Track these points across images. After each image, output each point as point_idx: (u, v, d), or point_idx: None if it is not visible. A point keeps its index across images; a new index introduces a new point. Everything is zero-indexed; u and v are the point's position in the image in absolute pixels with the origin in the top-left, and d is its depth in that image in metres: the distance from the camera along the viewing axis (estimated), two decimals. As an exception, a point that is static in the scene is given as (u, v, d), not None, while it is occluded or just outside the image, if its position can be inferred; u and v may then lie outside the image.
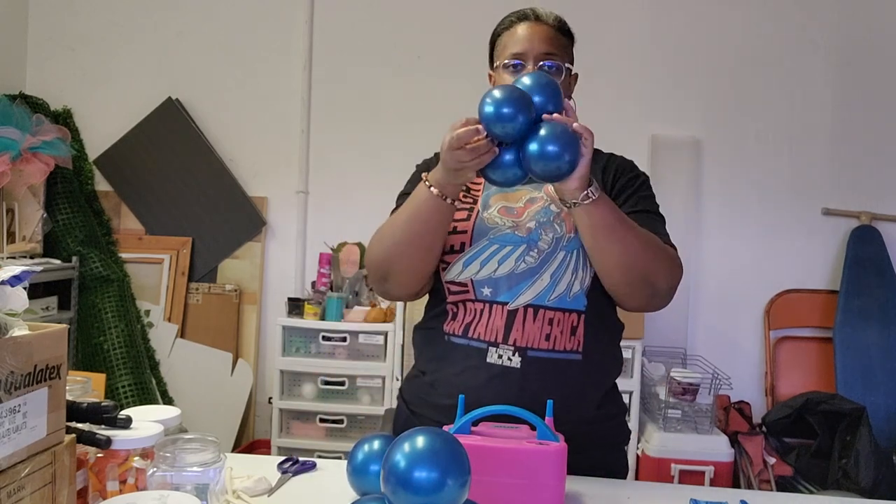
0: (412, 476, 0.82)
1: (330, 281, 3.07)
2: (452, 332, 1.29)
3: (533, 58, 1.30)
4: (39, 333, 0.82)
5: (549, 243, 1.26)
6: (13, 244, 2.86)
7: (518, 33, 1.32)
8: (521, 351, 1.23)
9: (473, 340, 1.26)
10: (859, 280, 3.01)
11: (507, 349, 1.24)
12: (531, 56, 1.30)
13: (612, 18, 3.15)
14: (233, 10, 3.27)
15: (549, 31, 1.32)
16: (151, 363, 3.12)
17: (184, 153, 3.25)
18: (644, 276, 1.21)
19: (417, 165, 1.44)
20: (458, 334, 1.28)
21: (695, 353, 3.02)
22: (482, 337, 1.25)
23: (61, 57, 3.31)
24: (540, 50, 1.30)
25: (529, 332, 1.23)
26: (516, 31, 1.33)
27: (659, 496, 1.19)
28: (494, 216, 1.30)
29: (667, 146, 3.13)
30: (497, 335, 1.24)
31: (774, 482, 2.72)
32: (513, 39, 1.32)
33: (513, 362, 1.23)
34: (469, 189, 1.35)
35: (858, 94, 3.11)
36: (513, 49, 1.31)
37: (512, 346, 1.23)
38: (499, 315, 1.25)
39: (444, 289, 1.30)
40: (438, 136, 1.14)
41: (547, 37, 1.31)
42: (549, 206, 1.29)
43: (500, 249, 1.26)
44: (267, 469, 1.19)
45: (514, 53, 1.31)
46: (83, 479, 0.96)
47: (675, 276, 1.25)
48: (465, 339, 1.27)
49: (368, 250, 1.32)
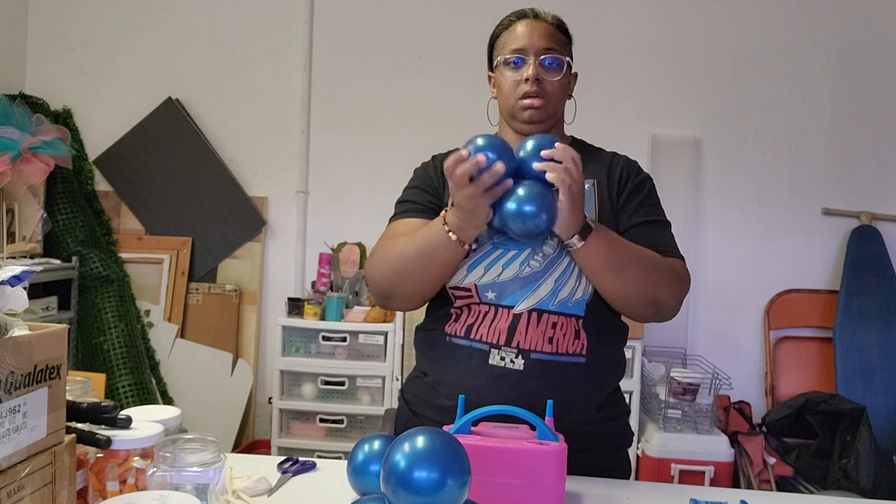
0: (412, 476, 0.82)
1: (330, 281, 3.07)
2: (454, 333, 1.28)
3: (533, 53, 1.29)
4: (39, 333, 0.82)
5: (555, 248, 1.25)
6: (13, 244, 2.86)
7: (518, 30, 1.32)
8: (524, 353, 1.23)
9: (475, 342, 1.25)
10: (859, 280, 3.01)
11: (509, 351, 1.23)
12: (531, 51, 1.29)
13: (612, 19, 3.15)
14: (233, 10, 3.27)
15: (548, 27, 1.32)
16: (151, 363, 3.12)
17: (184, 153, 3.25)
18: (648, 300, 1.23)
19: (416, 170, 1.43)
20: (460, 335, 1.27)
21: (695, 353, 3.02)
22: (484, 339, 1.25)
23: (61, 57, 3.31)
24: (540, 45, 1.30)
25: (533, 336, 1.23)
26: (516, 29, 1.32)
27: (659, 496, 1.19)
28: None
29: (667, 146, 3.13)
30: (500, 337, 1.24)
31: (774, 482, 2.72)
32: (512, 36, 1.32)
33: (515, 364, 1.23)
34: None
35: (858, 95, 3.11)
36: (513, 45, 1.31)
37: (515, 348, 1.23)
38: (503, 317, 1.24)
39: (449, 294, 1.29)
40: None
41: (547, 33, 1.31)
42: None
43: (505, 253, 1.25)
44: (267, 469, 1.19)
45: (515, 49, 1.31)
46: (83, 479, 0.96)
47: (681, 291, 1.27)
48: (466, 341, 1.26)
49: (370, 267, 1.30)
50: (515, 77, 1.31)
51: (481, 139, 1.12)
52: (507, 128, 1.38)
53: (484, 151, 1.10)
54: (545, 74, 1.30)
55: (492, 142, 1.12)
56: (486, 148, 1.10)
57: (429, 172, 1.40)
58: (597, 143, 1.43)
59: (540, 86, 1.29)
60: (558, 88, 1.31)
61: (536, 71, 1.29)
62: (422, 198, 1.36)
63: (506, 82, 1.32)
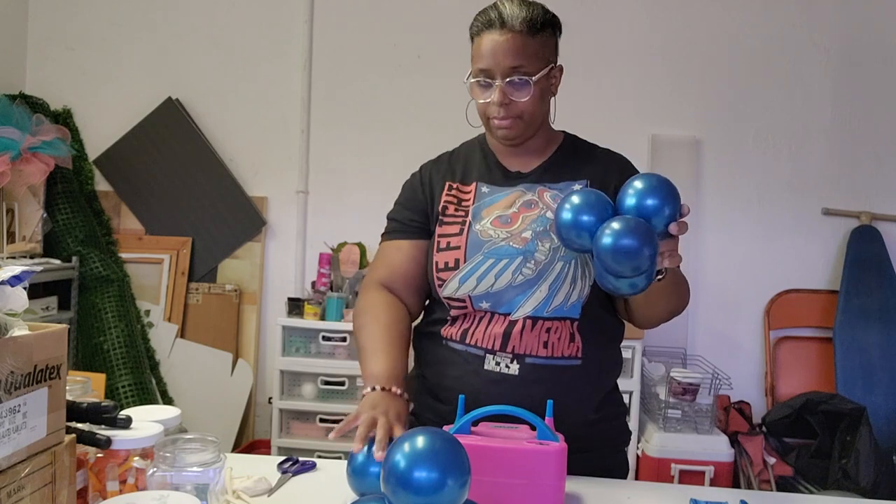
0: (412, 476, 0.82)
1: (330, 281, 3.07)
2: (450, 336, 1.28)
3: (500, 74, 1.22)
4: (39, 333, 0.82)
5: (546, 254, 1.24)
6: (13, 244, 2.86)
7: (483, 46, 1.23)
8: (518, 358, 1.23)
9: (471, 347, 1.26)
10: (859, 280, 3.01)
11: (505, 356, 1.23)
12: (497, 72, 1.22)
13: (611, 18, 3.15)
14: (233, 10, 3.27)
15: (514, 40, 1.21)
16: (151, 363, 3.11)
17: (184, 153, 3.25)
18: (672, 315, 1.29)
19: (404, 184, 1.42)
20: (455, 339, 1.28)
21: (695, 353, 3.02)
22: (479, 344, 1.25)
23: (61, 57, 3.31)
24: (506, 65, 1.22)
25: (528, 341, 1.23)
26: (482, 42, 1.24)
27: (659, 496, 1.19)
28: (488, 228, 1.27)
29: (666, 146, 3.13)
30: (495, 343, 1.24)
31: (774, 482, 2.72)
32: (479, 52, 1.24)
33: (511, 369, 1.23)
34: (460, 201, 1.33)
35: (858, 95, 3.10)
36: (479, 64, 1.24)
37: (510, 353, 1.23)
38: (498, 323, 1.24)
39: (444, 302, 1.29)
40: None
41: (512, 48, 1.21)
42: (544, 215, 1.27)
43: (497, 263, 1.24)
44: (267, 469, 1.19)
45: (481, 69, 1.24)
46: (83, 479, 0.96)
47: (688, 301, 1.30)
48: (462, 345, 1.27)
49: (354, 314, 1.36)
50: (484, 97, 1.25)
51: (577, 197, 1.12)
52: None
53: (580, 212, 1.09)
54: (513, 95, 1.23)
55: (587, 198, 1.11)
56: (581, 207, 1.10)
57: (414, 186, 1.39)
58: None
59: (508, 108, 1.24)
60: (530, 104, 1.24)
61: (502, 96, 1.23)
62: (406, 216, 1.36)
63: (477, 99, 1.28)
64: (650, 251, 1.03)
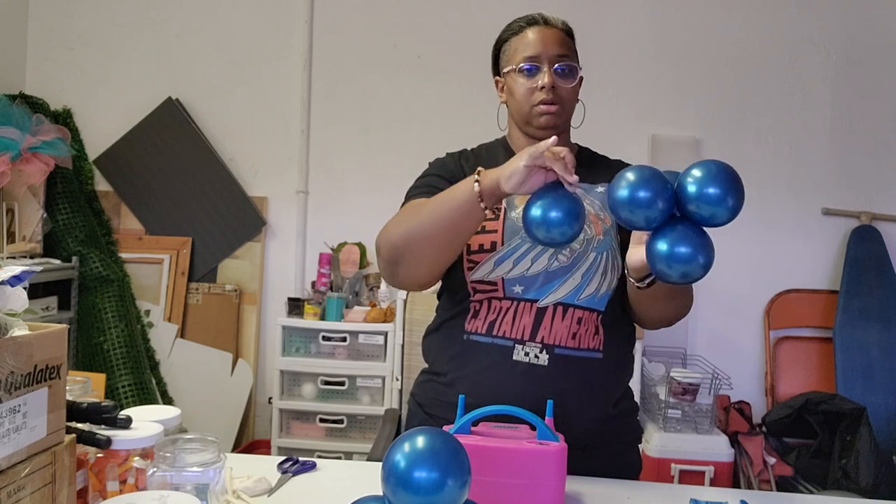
0: (412, 476, 0.82)
1: (330, 281, 3.07)
2: (474, 330, 1.28)
3: (547, 60, 1.29)
4: (39, 333, 0.82)
5: (581, 243, 1.26)
6: (13, 244, 2.86)
7: (529, 37, 1.32)
8: (548, 348, 1.23)
9: (498, 338, 1.25)
10: (859, 280, 3.01)
11: (534, 346, 1.24)
12: (545, 58, 1.30)
13: (611, 19, 3.15)
14: (233, 10, 3.27)
15: (559, 34, 1.32)
16: (151, 363, 3.12)
17: (184, 153, 3.25)
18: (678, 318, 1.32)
19: (434, 160, 1.42)
20: (481, 332, 1.27)
21: (695, 353, 3.02)
22: (507, 335, 1.25)
23: (61, 57, 3.31)
24: (553, 52, 1.30)
25: (557, 330, 1.24)
26: (527, 35, 1.32)
27: (659, 496, 1.19)
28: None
29: (666, 146, 3.13)
30: (524, 332, 1.24)
31: (774, 482, 2.72)
32: (524, 43, 1.32)
33: (540, 360, 1.23)
34: None
35: (858, 95, 3.10)
36: (525, 52, 1.31)
37: (540, 343, 1.24)
38: (527, 312, 1.24)
39: (468, 288, 1.29)
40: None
41: (559, 39, 1.31)
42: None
43: (534, 247, 1.26)
44: (267, 469, 1.19)
45: (528, 57, 1.30)
46: (83, 479, 0.96)
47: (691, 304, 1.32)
48: (488, 338, 1.26)
49: (383, 232, 1.25)
50: (529, 84, 1.31)
51: (631, 173, 1.00)
52: (518, 132, 1.38)
53: (637, 188, 0.99)
54: (560, 81, 1.30)
55: (642, 173, 1.01)
56: (639, 183, 0.99)
57: (446, 162, 1.39)
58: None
59: (555, 93, 1.30)
60: (572, 94, 1.32)
61: (552, 79, 1.29)
62: (436, 182, 1.33)
63: (519, 89, 1.32)
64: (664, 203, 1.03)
